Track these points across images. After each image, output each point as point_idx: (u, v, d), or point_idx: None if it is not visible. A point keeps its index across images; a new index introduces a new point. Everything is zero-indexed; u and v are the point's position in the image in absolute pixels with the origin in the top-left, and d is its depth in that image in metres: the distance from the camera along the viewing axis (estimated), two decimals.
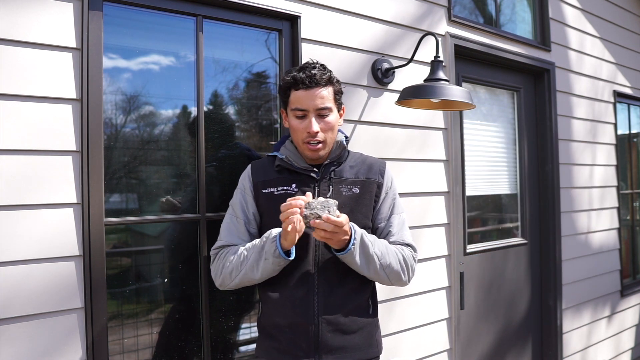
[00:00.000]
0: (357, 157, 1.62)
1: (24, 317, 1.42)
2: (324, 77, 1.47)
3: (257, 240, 1.44)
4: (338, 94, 1.53)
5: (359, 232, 1.40)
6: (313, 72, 1.45)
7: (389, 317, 2.28)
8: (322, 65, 1.51)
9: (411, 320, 2.38)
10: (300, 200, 1.32)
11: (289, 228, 1.31)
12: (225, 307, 1.89)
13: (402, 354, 2.33)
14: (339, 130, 1.59)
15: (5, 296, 1.39)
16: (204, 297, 1.80)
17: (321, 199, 1.33)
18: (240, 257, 1.44)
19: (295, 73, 1.47)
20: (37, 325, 1.44)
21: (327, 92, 1.47)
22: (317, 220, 1.30)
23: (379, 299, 2.20)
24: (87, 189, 1.52)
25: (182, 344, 1.79)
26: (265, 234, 1.42)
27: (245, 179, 1.56)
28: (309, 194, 1.36)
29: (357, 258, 1.40)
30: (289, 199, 1.34)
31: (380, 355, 1.55)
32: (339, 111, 1.55)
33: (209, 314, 1.80)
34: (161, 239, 1.81)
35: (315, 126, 1.45)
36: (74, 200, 1.51)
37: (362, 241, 1.40)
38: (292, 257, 1.40)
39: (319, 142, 1.47)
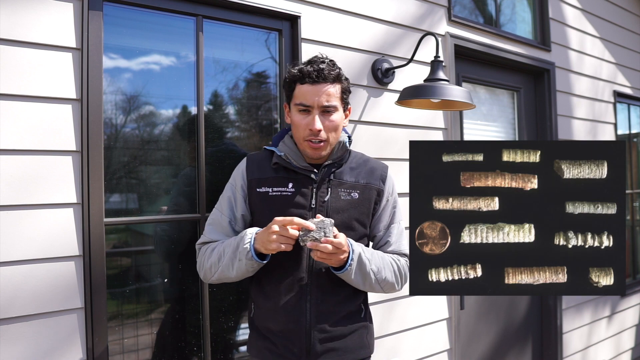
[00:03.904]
0: (358, 158, 1.53)
1: (24, 317, 1.42)
2: (332, 72, 1.38)
3: (233, 238, 1.38)
4: (345, 93, 1.44)
5: (356, 250, 1.35)
6: (321, 66, 1.37)
7: (389, 317, 2.28)
8: (331, 60, 1.42)
9: (411, 320, 2.38)
10: (302, 225, 1.26)
11: (274, 246, 1.27)
12: (225, 307, 1.89)
13: (402, 354, 2.33)
14: (343, 130, 1.50)
15: (6, 296, 1.39)
16: (204, 297, 1.80)
17: (317, 219, 1.27)
18: (218, 253, 1.39)
19: (302, 66, 1.39)
20: (37, 325, 1.44)
21: (334, 90, 1.38)
22: (315, 243, 1.25)
23: (380, 299, 2.21)
24: (87, 189, 1.51)
25: (182, 344, 1.79)
26: (241, 234, 1.36)
27: (238, 175, 1.47)
28: (310, 223, 1.27)
29: (354, 276, 1.36)
30: (296, 220, 1.27)
31: (372, 356, 1.53)
32: (344, 111, 1.46)
33: (209, 314, 1.80)
34: (160, 238, 1.81)
35: (318, 124, 1.36)
36: (74, 200, 1.51)
37: (360, 260, 1.35)
38: (267, 260, 1.35)
39: (321, 140, 1.38)
